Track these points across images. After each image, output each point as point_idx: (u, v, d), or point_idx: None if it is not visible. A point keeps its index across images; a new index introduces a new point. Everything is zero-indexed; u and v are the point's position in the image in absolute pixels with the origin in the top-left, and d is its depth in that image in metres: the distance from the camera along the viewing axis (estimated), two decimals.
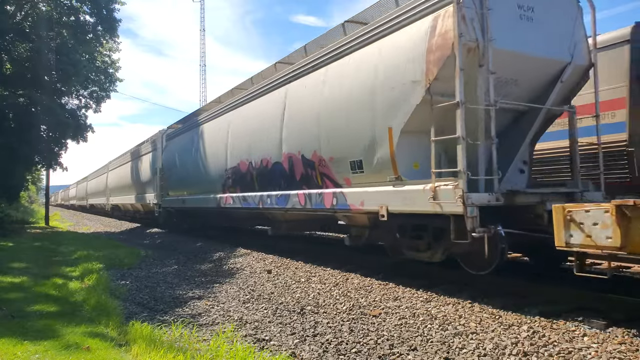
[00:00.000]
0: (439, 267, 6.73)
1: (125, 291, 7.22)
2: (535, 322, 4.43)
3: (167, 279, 8.22)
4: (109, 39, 20.07)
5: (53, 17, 18.03)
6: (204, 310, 5.87)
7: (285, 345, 4.45)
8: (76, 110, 20.95)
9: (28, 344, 4.44)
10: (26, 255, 11.58)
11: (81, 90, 20.85)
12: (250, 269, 8.47)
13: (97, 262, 9.63)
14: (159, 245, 14.18)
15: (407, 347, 4.14)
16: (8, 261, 10.05)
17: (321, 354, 4.16)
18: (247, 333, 4.83)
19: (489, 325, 4.45)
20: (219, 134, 11.79)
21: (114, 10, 18.89)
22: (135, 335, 4.66)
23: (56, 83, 19.03)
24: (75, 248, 12.94)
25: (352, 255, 8.19)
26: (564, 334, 4.09)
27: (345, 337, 4.51)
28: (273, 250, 10.06)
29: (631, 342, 3.81)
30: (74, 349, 4.33)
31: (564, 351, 3.73)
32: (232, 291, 6.86)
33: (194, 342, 4.50)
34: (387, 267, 7.27)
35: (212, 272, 8.67)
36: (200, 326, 5.17)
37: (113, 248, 13.09)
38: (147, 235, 18.55)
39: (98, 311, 5.72)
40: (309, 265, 8.29)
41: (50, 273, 8.76)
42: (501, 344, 3.97)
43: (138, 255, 11.42)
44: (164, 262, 10.36)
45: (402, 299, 5.61)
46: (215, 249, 11.48)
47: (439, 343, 4.15)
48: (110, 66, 21.44)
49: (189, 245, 12.86)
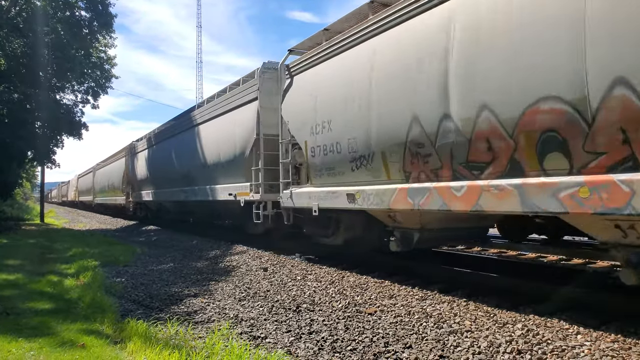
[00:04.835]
0: (438, 266, 6.76)
1: (121, 288, 7.20)
2: (529, 321, 4.46)
3: (162, 276, 8.21)
4: (105, 34, 19.96)
5: (48, 12, 17.90)
6: (200, 307, 5.87)
7: (280, 342, 4.45)
8: (71, 106, 20.87)
9: (22, 341, 4.43)
10: (21, 252, 11.52)
11: (77, 86, 20.75)
12: (246, 267, 8.47)
13: (93, 260, 9.59)
14: (154, 243, 14.15)
15: (402, 345, 4.16)
16: (2, 258, 10.00)
17: (316, 351, 4.17)
18: (243, 330, 4.83)
19: (483, 324, 4.48)
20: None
21: (109, 6, 18.79)
22: (130, 332, 4.65)
23: (51, 79, 18.92)
24: (70, 245, 12.89)
25: (349, 254, 8.22)
26: (558, 332, 4.12)
27: (341, 334, 4.52)
28: (269, 248, 10.07)
29: (624, 340, 3.85)
30: (69, 346, 4.32)
31: (557, 349, 3.76)
32: (228, 289, 6.86)
33: (189, 339, 4.49)
34: (383, 266, 7.30)
35: (208, 269, 8.66)
36: (195, 324, 5.16)
37: (108, 245, 13.05)
38: (143, 232, 18.50)
39: (93, 308, 5.70)
40: (305, 263, 8.30)
41: (45, 270, 8.72)
42: (496, 342, 3.99)
43: (133, 253, 11.40)
44: (159, 260, 10.34)
45: (398, 297, 5.63)
46: (211, 247, 11.47)
47: (433, 341, 4.17)
48: (106, 62, 21.32)
49: (184, 243, 12.85)
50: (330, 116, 7.31)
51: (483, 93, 4.82)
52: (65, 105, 20.56)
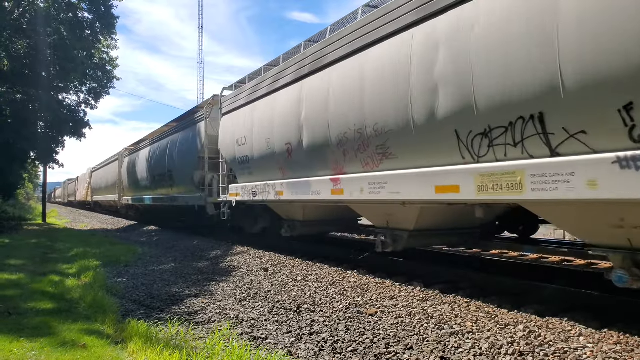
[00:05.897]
0: (436, 266, 6.74)
1: (122, 289, 7.21)
2: (531, 322, 4.44)
3: (163, 276, 8.21)
4: (107, 35, 20.01)
5: (51, 13, 17.95)
6: (201, 308, 5.87)
7: (281, 343, 4.45)
8: (74, 106, 20.91)
9: (24, 341, 4.43)
10: (23, 252, 11.55)
11: (79, 87, 20.80)
12: (247, 267, 8.47)
13: (94, 260, 9.61)
14: (155, 243, 14.16)
15: (403, 346, 4.14)
16: (4, 258, 10.02)
17: (317, 352, 4.16)
18: (244, 331, 4.83)
19: (485, 325, 4.46)
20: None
21: (112, 7, 18.85)
22: (131, 332, 4.65)
23: (53, 80, 18.97)
24: (72, 245, 12.92)
25: (349, 254, 8.21)
26: (560, 333, 4.10)
27: (342, 335, 4.51)
28: (270, 248, 10.06)
29: (627, 342, 3.83)
30: (70, 346, 4.33)
31: (559, 351, 3.74)
32: (229, 289, 6.86)
33: (190, 340, 4.49)
34: (384, 266, 7.29)
35: (208, 270, 8.66)
36: (196, 324, 5.16)
37: (110, 245, 13.08)
38: (144, 232, 18.52)
39: (94, 309, 5.71)
40: (306, 264, 8.30)
41: (47, 270, 8.74)
42: (497, 344, 3.98)
43: (135, 253, 11.42)
44: (160, 260, 10.35)
45: (399, 298, 5.62)
46: (212, 247, 11.48)
47: (435, 342, 4.16)
48: (108, 63, 21.37)
49: (185, 243, 12.85)
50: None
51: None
52: (68, 106, 20.61)
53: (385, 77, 5.92)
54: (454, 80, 4.91)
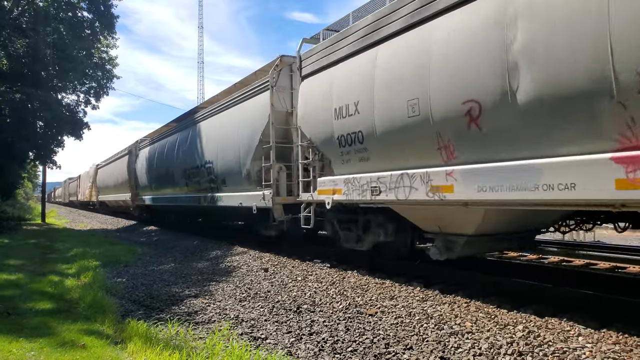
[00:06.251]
0: (436, 266, 6.75)
1: (122, 289, 7.21)
2: (530, 322, 4.45)
3: (163, 276, 8.21)
4: (107, 35, 19.99)
5: (50, 12, 17.93)
6: (200, 308, 5.87)
7: (281, 343, 4.45)
8: (73, 106, 20.90)
9: (23, 341, 4.43)
10: (22, 252, 11.54)
11: (79, 86, 20.78)
12: (247, 267, 8.47)
13: (94, 260, 9.61)
14: (155, 243, 14.16)
15: (403, 346, 4.15)
16: (4, 258, 10.02)
17: (317, 352, 4.17)
18: (243, 331, 4.83)
19: (484, 325, 4.47)
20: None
21: (111, 7, 18.82)
22: (131, 333, 4.65)
23: (53, 79, 18.95)
24: (71, 245, 12.91)
25: (349, 255, 8.21)
26: (559, 333, 4.11)
27: (341, 335, 4.51)
28: (270, 248, 10.06)
29: (625, 342, 3.84)
30: (70, 346, 4.33)
31: (558, 351, 3.75)
32: (229, 289, 6.86)
33: (190, 340, 4.49)
34: (384, 267, 7.29)
35: (208, 270, 8.66)
36: (196, 324, 5.16)
37: (109, 245, 13.07)
38: (144, 232, 18.51)
39: (94, 309, 5.71)
40: (306, 264, 8.30)
41: (46, 270, 8.74)
42: (496, 344, 3.98)
43: (134, 253, 11.41)
44: (160, 260, 10.34)
45: (399, 298, 5.62)
46: (212, 247, 11.47)
47: (434, 342, 4.17)
48: (108, 62, 21.35)
49: (185, 243, 12.85)
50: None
51: None
52: (67, 105, 20.59)
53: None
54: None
